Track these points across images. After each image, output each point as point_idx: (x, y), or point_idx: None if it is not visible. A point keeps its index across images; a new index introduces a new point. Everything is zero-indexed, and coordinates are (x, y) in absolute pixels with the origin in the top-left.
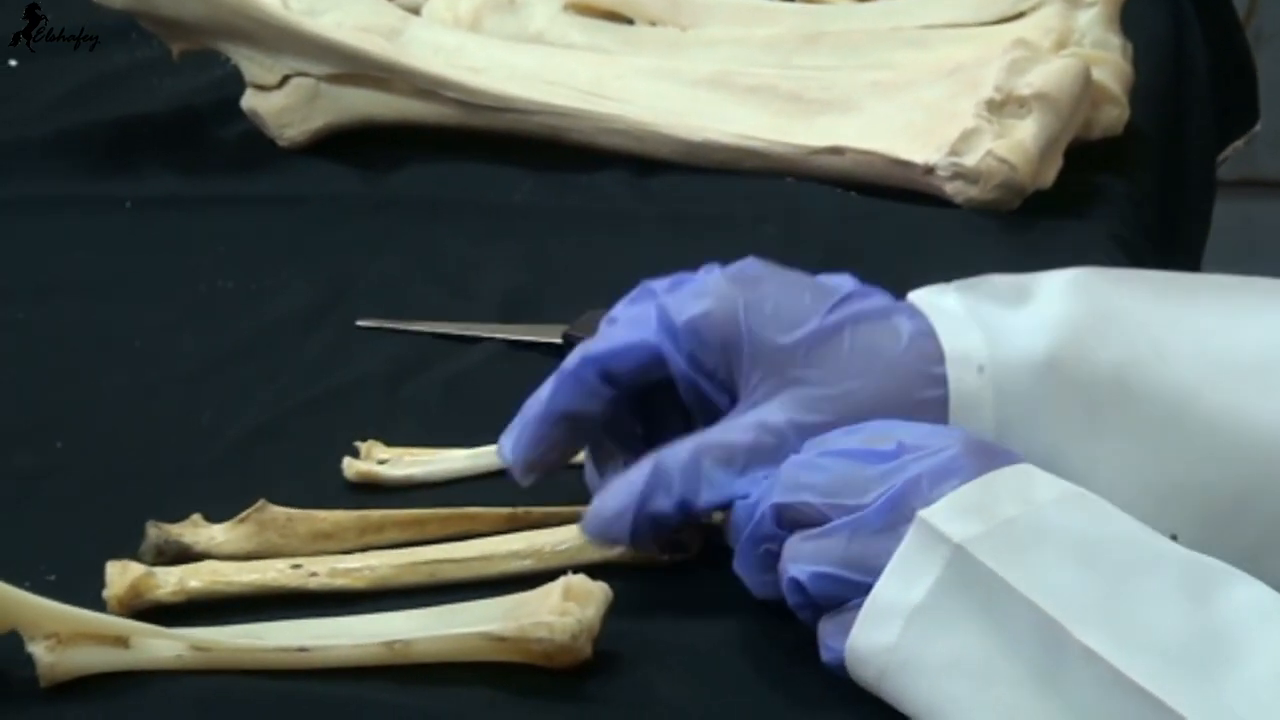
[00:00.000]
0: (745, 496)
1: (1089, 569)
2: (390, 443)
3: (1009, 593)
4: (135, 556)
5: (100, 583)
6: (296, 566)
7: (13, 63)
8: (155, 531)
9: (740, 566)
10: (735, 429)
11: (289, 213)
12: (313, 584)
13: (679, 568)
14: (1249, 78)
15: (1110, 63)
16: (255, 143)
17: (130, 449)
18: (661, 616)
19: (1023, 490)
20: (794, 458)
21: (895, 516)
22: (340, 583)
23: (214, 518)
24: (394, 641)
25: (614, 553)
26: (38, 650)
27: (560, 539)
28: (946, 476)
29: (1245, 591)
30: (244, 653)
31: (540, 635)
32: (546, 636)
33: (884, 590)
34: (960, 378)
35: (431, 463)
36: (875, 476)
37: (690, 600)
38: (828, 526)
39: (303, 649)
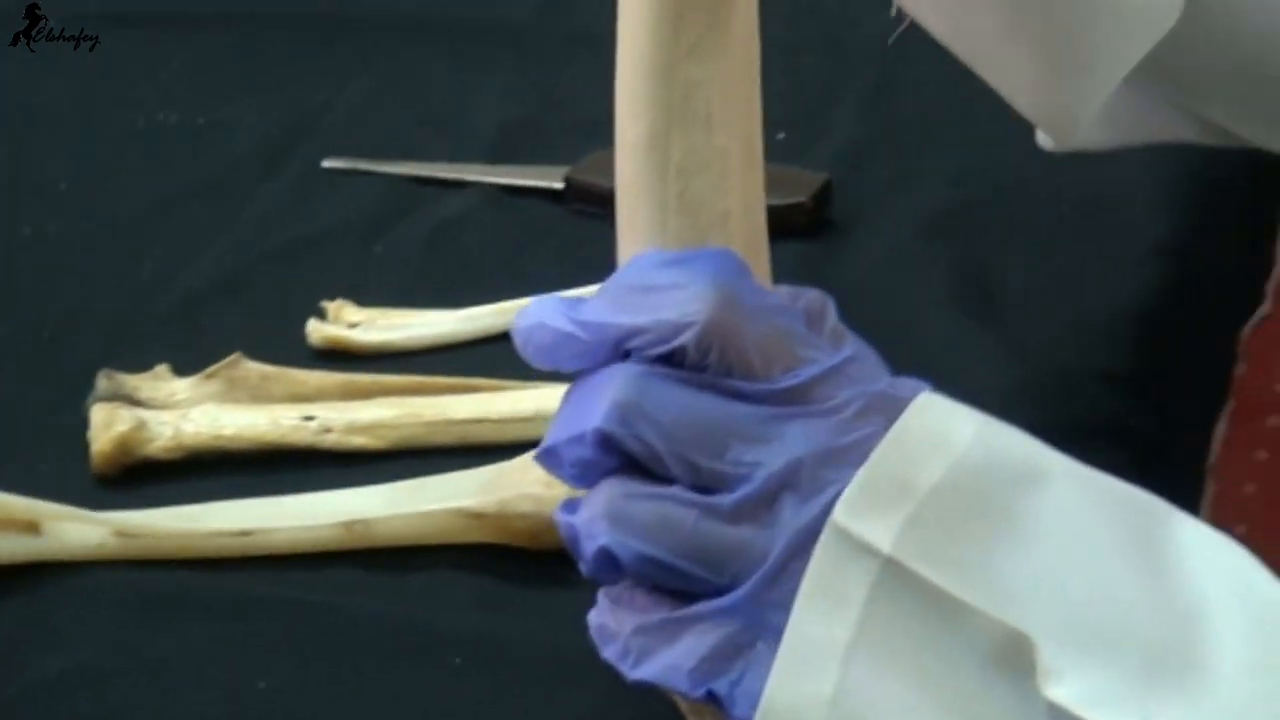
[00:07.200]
0: None
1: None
2: (363, 303)
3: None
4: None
5: (19, 458)
6: (309, 419)
7: None
8: (107, 383)
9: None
10: None
11: (240, 33)
12: (326, 441)
13: None
14: None
15: None
16: None
17: (57, 306)
18: None
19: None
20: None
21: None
22: (358, 441)
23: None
24: (353, 522)
25: None
26: None
27: None
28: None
29: (1185, 533)
30: (177, 538)
31: (524, 510)
32: (531, 511)
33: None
34: None
35: (411, 326)
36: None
37: None
38: (670, 492)
39: (245, 533)
